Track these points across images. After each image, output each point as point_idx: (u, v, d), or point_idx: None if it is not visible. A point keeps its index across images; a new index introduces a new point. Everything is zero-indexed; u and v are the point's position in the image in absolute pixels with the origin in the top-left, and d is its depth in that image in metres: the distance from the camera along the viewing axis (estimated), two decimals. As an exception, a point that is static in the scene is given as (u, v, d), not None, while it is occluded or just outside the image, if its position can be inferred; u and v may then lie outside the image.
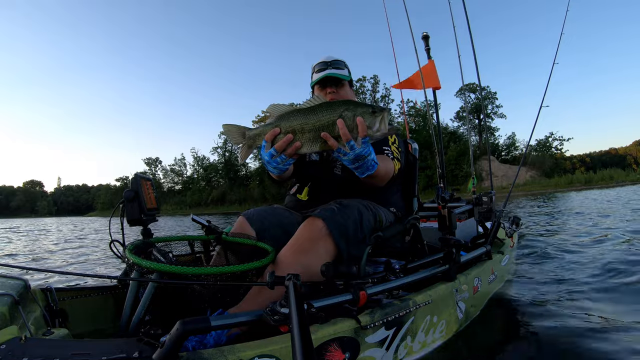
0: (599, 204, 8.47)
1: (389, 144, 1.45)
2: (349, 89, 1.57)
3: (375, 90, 38.15)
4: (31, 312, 1.04)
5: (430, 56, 3.13)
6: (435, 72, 3.14)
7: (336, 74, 1.48)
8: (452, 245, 1.44)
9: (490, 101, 35.68)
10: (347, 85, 1.54)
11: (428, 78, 3.10)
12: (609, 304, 1.76)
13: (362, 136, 0.93)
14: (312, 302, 0.91)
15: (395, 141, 1.48)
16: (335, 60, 1.52)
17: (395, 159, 1.40)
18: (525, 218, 6.21)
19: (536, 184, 27.69)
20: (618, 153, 49.69)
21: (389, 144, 1.44)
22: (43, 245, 5.52)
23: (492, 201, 2.19)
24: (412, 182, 1.70)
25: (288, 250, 1.13)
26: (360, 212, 1.22)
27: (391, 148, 1.43)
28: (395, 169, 1.37)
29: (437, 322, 1.30)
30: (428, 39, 3.10)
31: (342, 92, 1.52)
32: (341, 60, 1.54)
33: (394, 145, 1.46)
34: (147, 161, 52.36)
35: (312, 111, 0.95)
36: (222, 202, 44.02)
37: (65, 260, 4.04)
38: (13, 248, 5.90)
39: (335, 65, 1.51)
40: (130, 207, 1.22)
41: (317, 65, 1.54)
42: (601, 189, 18.68)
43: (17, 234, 10.55)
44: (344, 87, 1.52)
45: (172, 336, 0.71)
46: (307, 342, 0.69)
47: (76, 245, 5.32)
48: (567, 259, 2.79)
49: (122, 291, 1.41)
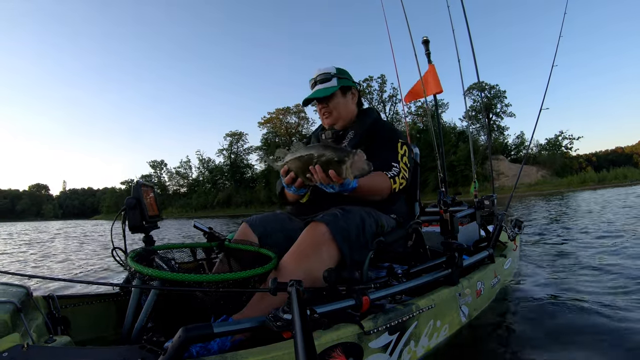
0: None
1: (399, 157, 1.41)
2: (342, 97, 1.53)
3: (382, 90, 37.92)
4: (33, 320, 1.04)
5: (430, 60, 3.13)
6: (436, 77, 3.15)
7: (321, 91, 1.48)
8: (454, 249, 1.44)
9: (499, 100, 34.90)
10: (337, 96, 1.51)
11: (430, 84, 3.10)
12: (614, 305, 1.75)
13: (337, 182, 1.01)
14: (315, 307, 0.90)
15: (405, 153, 1.44)
16: (321, 74, 1.51)
17: (398, 177, 1.34)
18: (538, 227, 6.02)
19: (548, 184, 27.24)
20: (624, 152, 49.52)
21: (398, 157, 1.41)
22: (46, 251, 5.53)
23: (494, 204, 2.19)
24: (414, 187, 1.70)
25: (291, 255, 1.13)
26: (362, 217, 1.22)
27: (400, 164, 1.39)
28: (394, 188, 1.32)
29: (440, 326, 1.29)
30: (428, 43, 3.10)
31: (333, 105, 1.51)
32: (327, 72, 1.51)
33: (403, 160, 1.42)
34: (152, 164, 52.15)
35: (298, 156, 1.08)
36: (228, 204, 43.70)
37: (66, 268, 4.04)
38: (14, 253, 5.92)
39: (321, 80, 1.50)
40: (132, 215, 1.23)
41: (310, 81, 1.55)
42: (616, 187, 18.28)
43: (18, 238, 10.56)
44: (333, 99, 1.51)
45: (174, 343, 0.71)
46: (310, 348, 0.69)
47: (78, 250, 5.32)
48: (573, 260, 2.78)
49: (124, 298, 1.41)
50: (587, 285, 2.13)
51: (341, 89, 1.52)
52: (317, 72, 1.52)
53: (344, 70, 1.56)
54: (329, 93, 1.48)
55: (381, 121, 1.55)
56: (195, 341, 0.73)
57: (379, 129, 1.50)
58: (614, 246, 3.23)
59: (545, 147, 32.54)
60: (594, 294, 1.95)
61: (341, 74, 1.53)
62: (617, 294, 1.91)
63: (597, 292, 1.98)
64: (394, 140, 1.45)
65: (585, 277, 2.29)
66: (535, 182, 28.05)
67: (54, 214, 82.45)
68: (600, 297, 1.89)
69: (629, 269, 2.38)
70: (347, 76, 1.56)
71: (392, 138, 1.46)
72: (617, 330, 1.46)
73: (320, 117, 1.59)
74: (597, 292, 1.99)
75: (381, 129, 1.50)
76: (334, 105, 1.51)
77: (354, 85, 1.59)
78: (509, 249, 2.16)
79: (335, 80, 1.51)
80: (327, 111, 1.52)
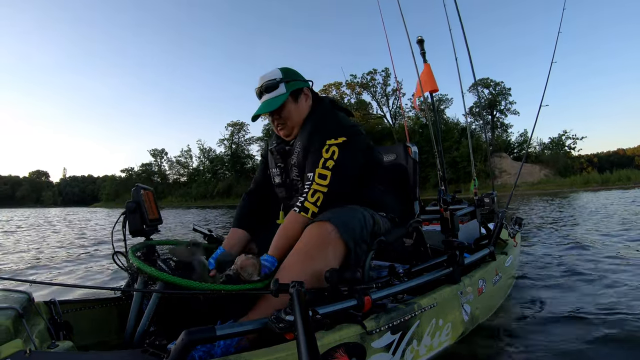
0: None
1: (319, 164, 1.22)
2: (293, 104, 1.35)
3: (386, 84, 37.34)
4: (35, 325, 1.04)
5: (425, 60, 3.14)
6: (432, 76, 3.16)
7: (269, 103, 1.32)
8: (455, 247, 1.44)
9: (504, 97, 34.69)
10: (288, 104, 1.33)
11: (427, 82, 3.12)
12: (616, 305, 1.75)
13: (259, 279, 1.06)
14: (317, 308, 0.90)
15: (334, 154, 1.23)
16: (266, 82, 1.33)
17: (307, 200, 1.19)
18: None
19: (551, 183, 27.08)
20: (626, 154, 49.50)
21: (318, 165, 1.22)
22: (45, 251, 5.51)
23: (494, 202, 2.19)
24: (413, 186, 1.70)
25: (296, 257, 1.10)
26: (362, 212, 1.22)
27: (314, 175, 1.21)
28: (311, 212, 1.18)
29: (442, 325, 1.29)
30: (423, 43, 3.11)
31: (285, 115, 1.34)
32: (272, 79, 1.32)
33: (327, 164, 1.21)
34: (153, 152, 51.91)
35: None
36: (228, 194, 43.17)
37: (67, 266, 4.03)
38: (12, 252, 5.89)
39: (267, 88, 1.33)
40: (132, 218, 1.23)
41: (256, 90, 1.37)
42: (621, 189, 18.15)
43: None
44: (284, 109, 1.33)
45: (177, 346, 0.71)
46: (313, 349, 0.69)
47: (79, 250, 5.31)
48: (576, 260, 2.78)
49: (126, 302, 1.40)
50: (588, 286, 2.13)
51: (291, 94, 1.34)
52: (260, 81, 1.34)
53: (291, 71, 1.38)
54: (278, 104, 1.31)
55: (320, 122, 1.33)
56: (198, 344, 0.73)
57: (312, 136, 1.30)
58: (620, 249, 3.23)
59: (548, 146, 32.48)
60: (595, 295, 1.95)
61: (288, 75, 1.35)
62: (621, 296, 1.91)
63: (598, 293, 1.98)
64: (320, 145, 1.25)
65: (588, 278, 2.30)
66: (538, 181, 27.95)
67: (53, 201, 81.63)
68: (601, 298, 1.89)
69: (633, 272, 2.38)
70: (296, 77, 1.38)
71: (320, 143, 1.26)
72: (617, 330, 1.47)
73: (274, 129, 1.42)
74: (598, 292, 1.99)
75: (313, 137, 1.29)
76: (287, 115, 1.34)
77: (306, 84, 1.40)
78: (509, 247, 2.16)
79: (282, 86, 1.33)
80: (280, 123, 1.36)
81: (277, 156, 1.43)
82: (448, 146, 29.40)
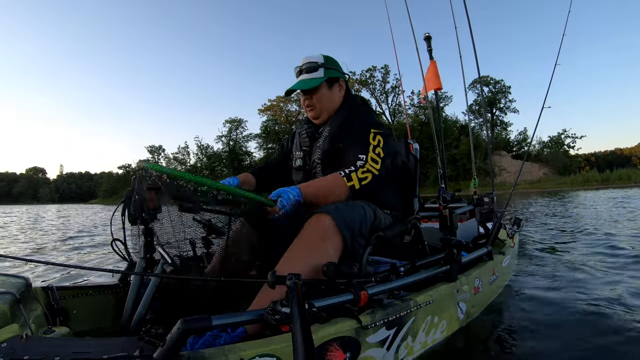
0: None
1: (370, 148, 1.28)
2: (327, 90, 1.42)
3: (385, 81, 36.82)
4: (32, 311, 1.04)
5: (432, 57, 3.13)
6: (437, 73, 3.15)
7: (305, 82, 1.38)
8: (453, 245, 1.44)
9: (503, 95, 34.51)
10: (322, 89, 1.41)
11: (431, 80, 3.11)
12: (615, 302, 1.75)
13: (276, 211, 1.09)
14: (313, 301, 0.91)
15: (380, 143, 1.31)
16: (307, 63, 1.39)
17: (357, 172, 1.22)
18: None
19: (550, 182, 27.03)
20: (623, 153, 49.53)
21: (369, 148, 1.28)
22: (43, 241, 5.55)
23: (494, 202, 2.19)
24: (413, 182, 1.69)
25: (297, 249, 1.09)
26: (363, 207, 1.22)
27: (368, 155, 1.26)
28: (352, 185, 1.20)
29: (437, 322, 1.29)
30: (430, 39, 3.10)
31: (317, 98, 1.41)
32: (314, 61, 1.39)
33: (376, 150, 1.28)
34: (151, 149, 51.34)
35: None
36: None
37: (66, 256, 4.05)
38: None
39: (307, 69, 1.39)
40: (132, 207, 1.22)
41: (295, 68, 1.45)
42: (622, 188, 18.06)
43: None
44: (317, 92, 1.41)
45: (173, 334, 0.71)
46: (308, 341, 0.69)
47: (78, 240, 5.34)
48: (571, 258, 2.78)
49: (123, 289, 1.41)
50: (588, 284, 2.13)
51: (327, 80, 1.41)
52: (303, 60, 1.41)
53: (333, 60, 1.45)
54: (313, 85, 1.38)
55: (356, 112, 1.43)
56: (194, 332, 0.73)
57: (350, 122, 1.38)
58: (616, 247, 3.24)
59: (547, 144, 32.41)
60: (595, 293, 1.96)
61: (329, 63, 1.42)
62: (619, 293, 1.92)
63: (599, 292, 1.98)
64: (365, 132, 1.32)
65: (586, 276, 2.30)
66: (537, 179, 27.97)
67: (50, 198, 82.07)
68: (601, 297, 1.90)
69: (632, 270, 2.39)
70: (336, 66, 1.45)
71: (363, 129, 1.34)
72: (616, 329, 1.47)
73: (303, 108, 1.50)
74: (598, 292, 1.99)
75: (353, 122, 1.38)
76: (318, 99, 1.41)
77: (342, 76, 1.48)
78: (507, 247, 2.16)
79: (322, 70, 1.39)
80: (311, 104, 1.43)
81: (306, 138, 1.48)
82: (447, 144, 29.39)
